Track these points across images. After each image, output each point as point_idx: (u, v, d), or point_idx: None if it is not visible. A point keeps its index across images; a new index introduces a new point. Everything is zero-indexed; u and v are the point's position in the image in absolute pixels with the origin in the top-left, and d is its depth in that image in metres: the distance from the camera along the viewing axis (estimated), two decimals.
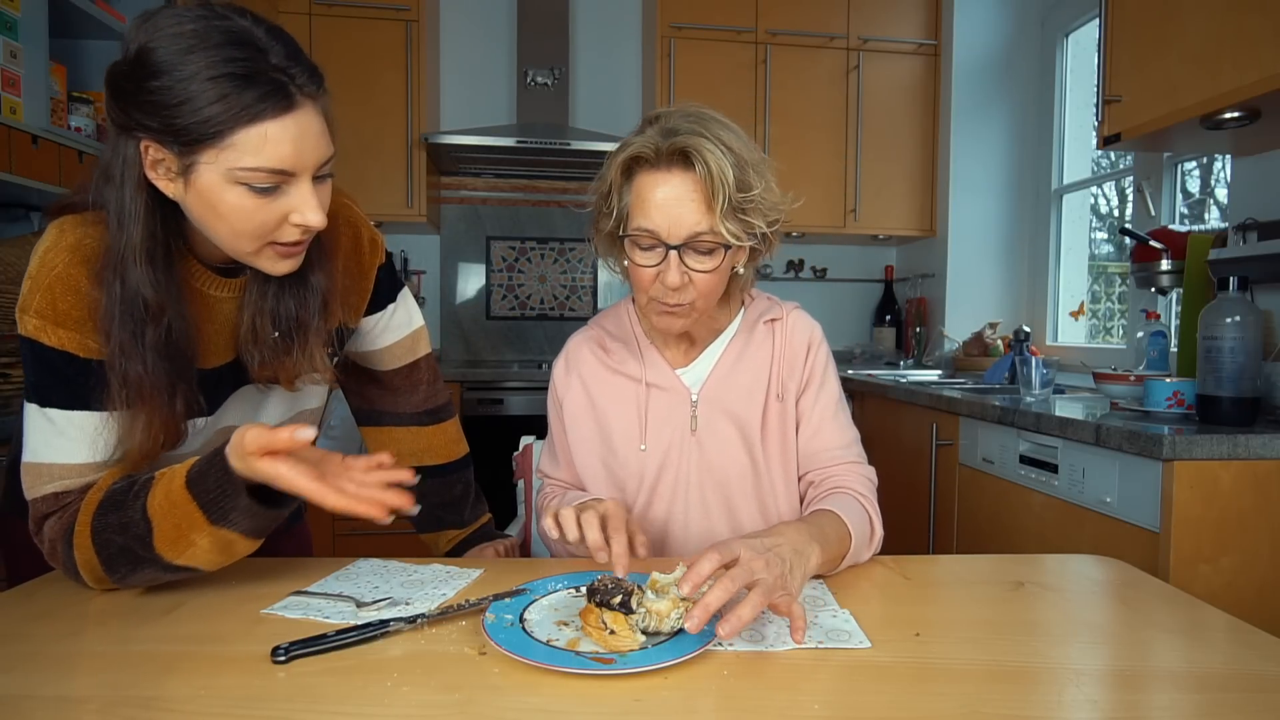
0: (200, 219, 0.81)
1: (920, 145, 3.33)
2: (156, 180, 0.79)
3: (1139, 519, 1.48)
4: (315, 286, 0.92)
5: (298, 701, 0.63)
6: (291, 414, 1.06)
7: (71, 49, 2.22)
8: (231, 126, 0.75)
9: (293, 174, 0.79)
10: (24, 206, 2.14)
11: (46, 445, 0.84)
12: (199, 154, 0.76)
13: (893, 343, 3.59)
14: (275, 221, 0.80)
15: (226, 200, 0.78)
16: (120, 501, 0.82)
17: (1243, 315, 1.50)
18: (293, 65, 0.77)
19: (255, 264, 0.85)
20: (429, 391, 1.20)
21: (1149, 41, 1.84)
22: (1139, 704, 0.66)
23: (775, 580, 0.73)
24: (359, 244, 1.05)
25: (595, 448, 1.12)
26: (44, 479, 0.84)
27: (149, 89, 0.74)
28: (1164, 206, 2.41)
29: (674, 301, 0.98)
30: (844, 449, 1.10)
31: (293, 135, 0.77)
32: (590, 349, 1.15)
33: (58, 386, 0.83)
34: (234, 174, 0.76)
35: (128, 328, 0.81)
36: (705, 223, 0.94)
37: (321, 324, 0.93)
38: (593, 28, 3.45)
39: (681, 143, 0.92)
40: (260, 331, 0.90)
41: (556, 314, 3.52)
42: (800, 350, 1.12)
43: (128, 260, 0.80)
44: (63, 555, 0.84)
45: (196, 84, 0.73)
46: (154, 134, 0.76)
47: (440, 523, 1.22)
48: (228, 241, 0.82)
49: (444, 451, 1.23)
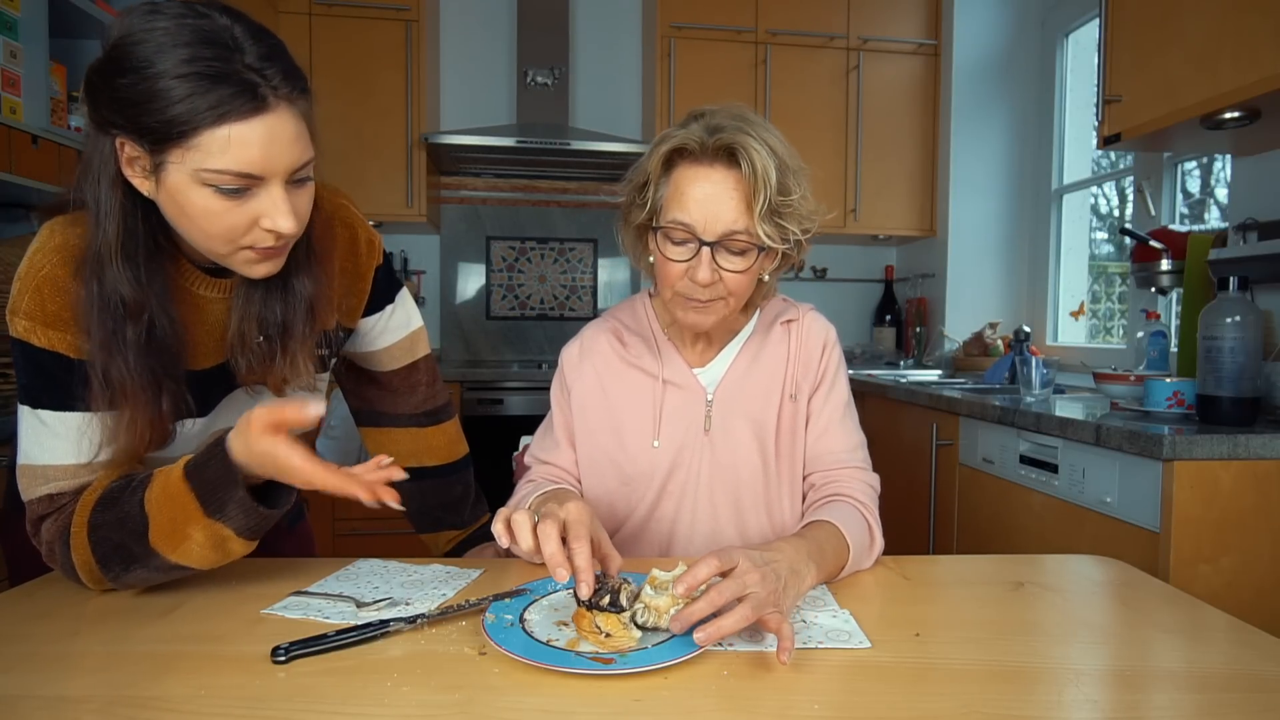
0: (173, 219, 0.80)
1: (920, 145, 3.33)
2: (132, 178, 0.78)
3: (1139, 519, 1.48)
4: (301, 292, 0.90)
5: (298, 701, 0.63)
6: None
7: (71, 49, 2.21)
8: (196, 127, 0.73)
9: (261, 178, 0.77)
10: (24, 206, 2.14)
11: (39, 447, 0.83)
12: (167, 153, 0.75)
13: (893, 343, 3.59)
14: (245, 225, 0.79)
15: (194, 201, 0.76)
16: (117, 498, 0.82)
17: (1243, 315, 1.50)
18: (268, 66, 0.75)
19: (231, 266, 0.83)
20: (428, 393, 1.20)
21: (1149, 41, 1.84)
22: (1139, 704, 0.66)
23: (767, 596, 0.73)
24: (355, 245, 1.04)
25: (603, 440, 1.11)
26: (38, 480, 0.84)
27: (119, 85, 0.73)
28: (1164, 206, 2.41)
29: (704, 298, 0.98)
30: (848, 453, 1.10)
31: (261, 138, 0.75)
32: (608, 339, 1.14)
33: (49, 388, 0.82)
34: (200, 175, 0.75)
35: (107, 326, 0.80)
36: (742, 222, 0.94)
37: (307, 330, 0.91)
38: (593, 28, 3.45)
39: (728, 139, 0.93)
40: (247, 336, 0.89)
41: (556, 314, 3.52)
42: (815, 351, 1.12)
43: (104, 257, 0.79)
44: (60, 556, 0.84)
45: (164, 82, 0.72)
46: (126, 131, 0.75)
47: (440, 523, 1.22)
48: (200, 242, 0.81)
49: (444, 452, 1.22)
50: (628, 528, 1.12)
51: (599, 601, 0.74)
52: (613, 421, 1.11)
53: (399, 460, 0.86)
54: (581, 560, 0.75)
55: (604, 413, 1.11)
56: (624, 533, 1.12)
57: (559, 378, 1.16)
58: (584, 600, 0.74)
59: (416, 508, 1.23)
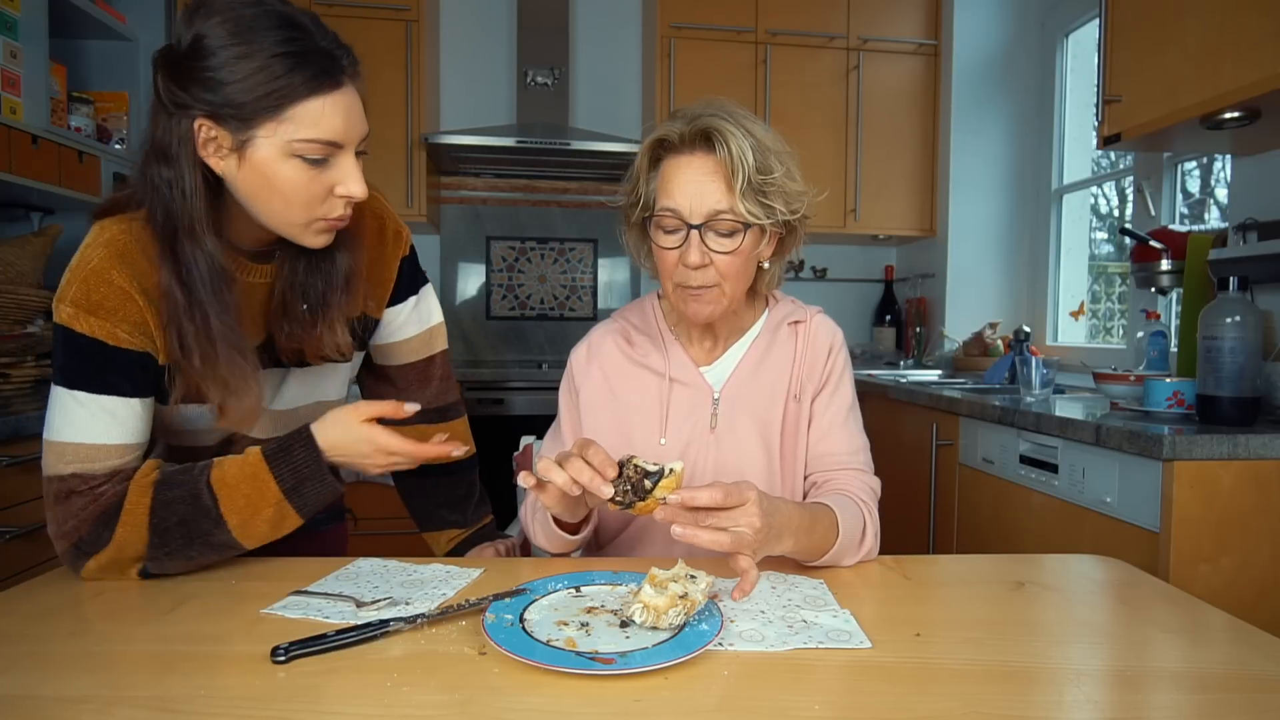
0: (251, 195, 0.86)
1: (920, 145, 3.33)
2: (207, 158, 0.84)
3: (1139, 519, 1.48)
4: (340, 265, 0.98)
5: (298, 701, 0.63)
6: (310, 401, 1.08)
7: (71, 49, 2.22)
8: (290, 100, 0.81)
9: (341, 146, 0.86)
10: (24, 206, 2.14)
11: (69, 425, 0.88)
12: (256, 128, 0.82)
13: (893, 343, 3.59)
14: (323, 194, 0.87)
15: (281, 173, 0.84)
16: (181, 480, 0.89)
17: (1243, 315, 1.50)
18: (338, 47, 0.86)
19: (299, 237, 0.91)
20: (440, 388, 1.21)
21: (1149, 41, 1.84)
22: (1139, 704, 0.66)
23: (751, 540, 0.82)
24: (383, 234, 1.10)
25: (612, 438, 1.11)
26: (65, 458, 0.88)
27: (209, 67, 0.80)
28: (1164, 206, 2.41)
29: (697, 284, 1.00)
30: (850, 455, 1.10)
31: (342, 109, 0.85)
32: (615, 340, 1.15)
33: (85, 371, 0.88)
34: (290, 146, 0.83)
35: (186, 296, 0.86)
36: (726, 202, 0.97)
37: (344, 300, 0.99)
38: (593, 28, 3.45)
39: (704, 124, 0.97)
40: (290, 305, 0.97)
41: (556, 314, 3.52)
42: (821, 353, 1.13)
43: (196, 229, 0.86)
44: (87, 536, 0.87)
45: (257, 61, 0.80)
46: (210, 112, 0.82)
47: (443, 522, 1.22)
48: (279, 214, 0.88)
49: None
50: (632, 526, 1.12)
51: (624, 499, 0.82)
52: (620, 420, 1.11)
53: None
54: (597, 459, 0.84)
55: (612, 412, 1.12)
56: (628, 531, 1.13)
57: (567, 380, 1.17)
58: (612, 498, 0.82)
59: (420, 504, 1.23)
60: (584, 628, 0.76)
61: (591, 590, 0.86)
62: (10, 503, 1.44)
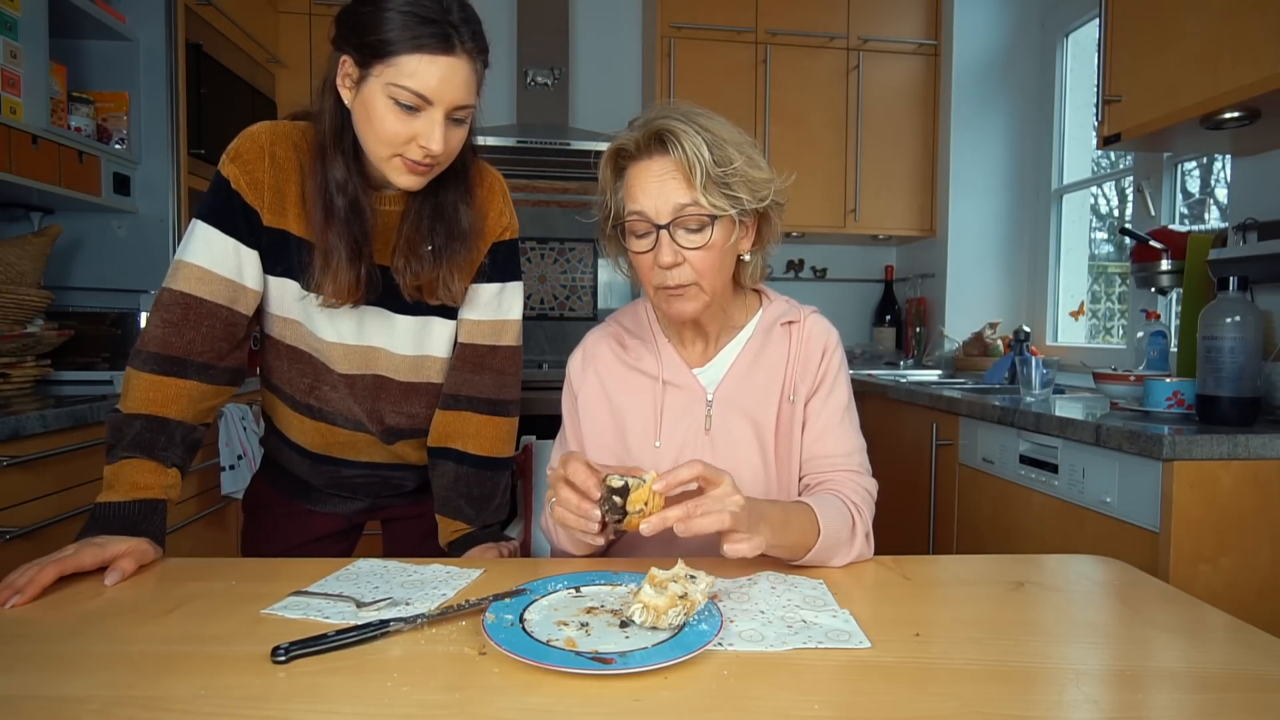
0: (358, 123, 1.02)
1: (920, 145, 3.33)
2: (341, 89, 1.02)
3: (1139, 519, 1.48)
4: (464, 221, 1.13)
5: (298, 701, 0.63)
6: (417, 352, 1.20)
7: (71, 49, 2.21)
8: (400, 50, 0.95)
9: (430, 103, 0.98)
10: (24, 206, 2.14)
11: (191, 249, 1.06)
12: (372, 68, 0.97)
13: (893, 343, 3.59)
14: (405, 138, 0.99)
15: (376, 108, 0.98)
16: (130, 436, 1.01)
17: (1243, 315, 1.51)
18: (465, 26, 0.98)
19: (385, 170, 1.03)
20: (497, 381, 1.23)
21: (1149, 41, 1.84)
22: (1139, 704, 0.66)
23: (743, 515, 0.84)
24: (488, 212, 1.20)
25: (609, 442, 1.12)
26: (180, 273, 1.05)
27: (360, 12, 0.97)
28: (1164, 206, 2.41)
29: (675, 283, 1.00)
30: (845, 457, 1.10)
31: (441, 72, 0.97)
32: (609, 345, 1.16)
33: (214, 207, 1.07)
34: (389, 88, 0.97)
35: (324, 198, 1.04)
36: (688, 196, 0.98)
37: (463, 251, 1.13)
38: (593, 28, 3.45)
39: (656, 126, 0.99)
40: (417, 245, 1.11)
41: (556, 314, 3.52)
42: (815, 354, 1.12)
43: (326, 146, 1.05)
44: (150, 336, 1.04)
45: (389, 14, 0.95)
46: (350, 49, 0.99)
47: (458, 511, 1.22)
48: (369, 143, 1.02)
49: (487, 444, 1.23)
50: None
51: (610, 520, 0.84)
52: (616, 424, 1.12)
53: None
54: (579, 478, 0.87)
55: (608, 416, 1.12)
56: (626, 534, 1.12)
57: (567, 387, 1.18)
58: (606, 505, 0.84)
59: (444, 487, 1.23)
60: (584, 628, 0.76)
61: (591, 590, 0.86)
62: (10, 503, 1.44)
